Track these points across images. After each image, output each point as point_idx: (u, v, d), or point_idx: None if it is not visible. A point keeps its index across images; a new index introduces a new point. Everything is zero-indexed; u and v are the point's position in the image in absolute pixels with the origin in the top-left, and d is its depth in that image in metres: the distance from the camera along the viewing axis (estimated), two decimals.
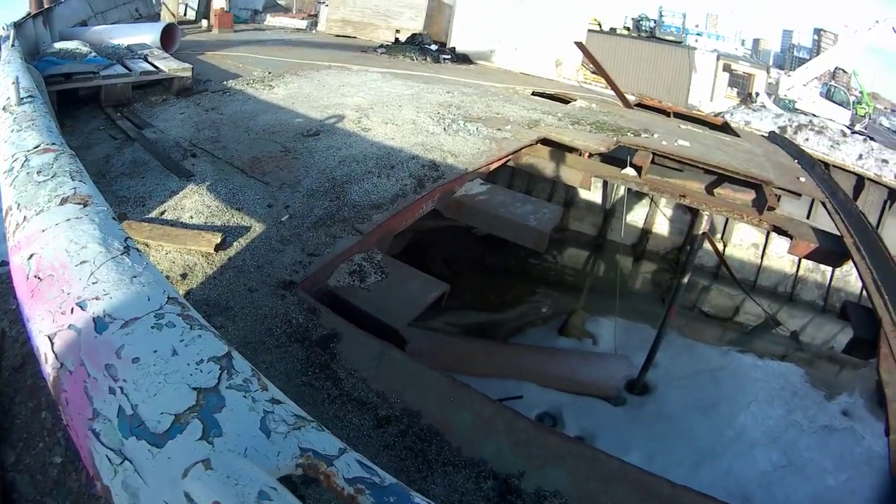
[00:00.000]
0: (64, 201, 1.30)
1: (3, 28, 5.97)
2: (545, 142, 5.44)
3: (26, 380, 4.56)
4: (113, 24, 10.80)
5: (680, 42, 25.17)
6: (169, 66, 6.00)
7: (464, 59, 8.82)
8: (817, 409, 6.03)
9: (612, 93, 8.53)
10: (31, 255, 1.15)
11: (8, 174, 1.64)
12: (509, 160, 5.02)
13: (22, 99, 2.39)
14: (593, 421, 5.28)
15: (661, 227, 8.62)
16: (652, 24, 27.12)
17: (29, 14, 8.01)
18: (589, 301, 7.41)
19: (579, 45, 8.77)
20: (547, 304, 7.54)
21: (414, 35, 9.62)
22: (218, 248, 3.04)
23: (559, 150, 5.41)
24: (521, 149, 5.12)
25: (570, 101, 7.72)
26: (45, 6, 8.00)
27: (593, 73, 10.10)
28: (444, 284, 3.09)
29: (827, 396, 6.33)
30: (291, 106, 5.35)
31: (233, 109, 5.21)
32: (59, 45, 6.32)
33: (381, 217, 3.45)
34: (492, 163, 4.65)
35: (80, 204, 1.30)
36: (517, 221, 4.06)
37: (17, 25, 6.32)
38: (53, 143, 1.87)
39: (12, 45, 4.46)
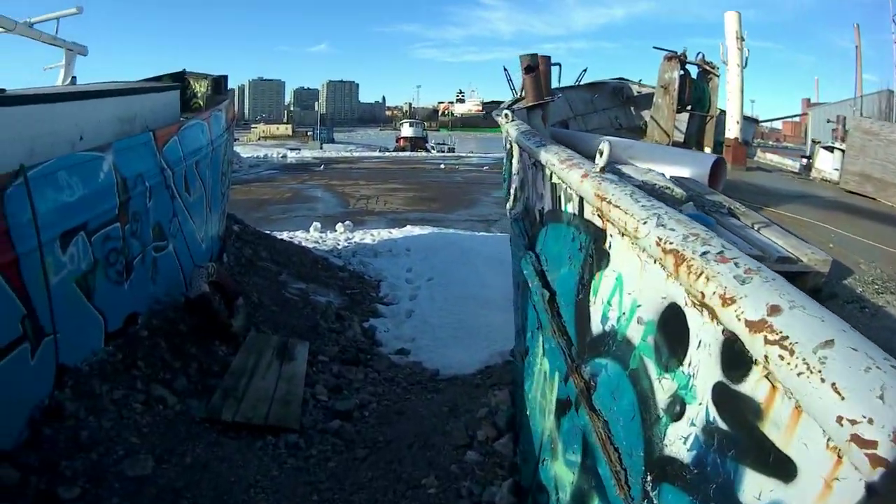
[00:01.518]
0: None
1: (506, 117, 4.91)
2: None
3: None
4: (592, 130, 8.99)
5: None
6: (803, 251, 3.20)
7: None
8: None
9: None
10: None
11: None
12: None
13: None
14: None
15: None
16: None
17: (515, 99, 7.11)
18: None
19: None
20: None
21: None
22: None
23: None
24: None
25: None
26: (546, 96, 6.09)
27: None
28: None
29: None
30: None
31: None
32: (635, 174, 3.68)
33: None
34: None
35: None
36: None
37: (511, 110, 5.57)
38: None
39: (605, 168, 2.68)
